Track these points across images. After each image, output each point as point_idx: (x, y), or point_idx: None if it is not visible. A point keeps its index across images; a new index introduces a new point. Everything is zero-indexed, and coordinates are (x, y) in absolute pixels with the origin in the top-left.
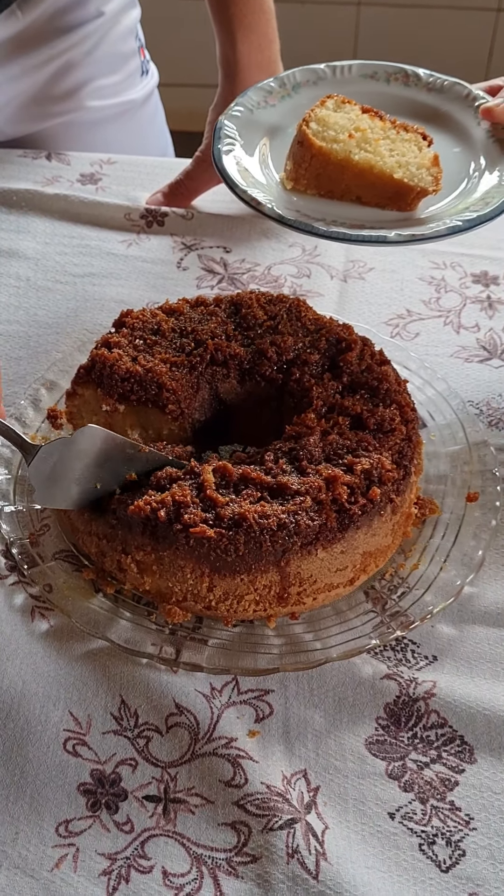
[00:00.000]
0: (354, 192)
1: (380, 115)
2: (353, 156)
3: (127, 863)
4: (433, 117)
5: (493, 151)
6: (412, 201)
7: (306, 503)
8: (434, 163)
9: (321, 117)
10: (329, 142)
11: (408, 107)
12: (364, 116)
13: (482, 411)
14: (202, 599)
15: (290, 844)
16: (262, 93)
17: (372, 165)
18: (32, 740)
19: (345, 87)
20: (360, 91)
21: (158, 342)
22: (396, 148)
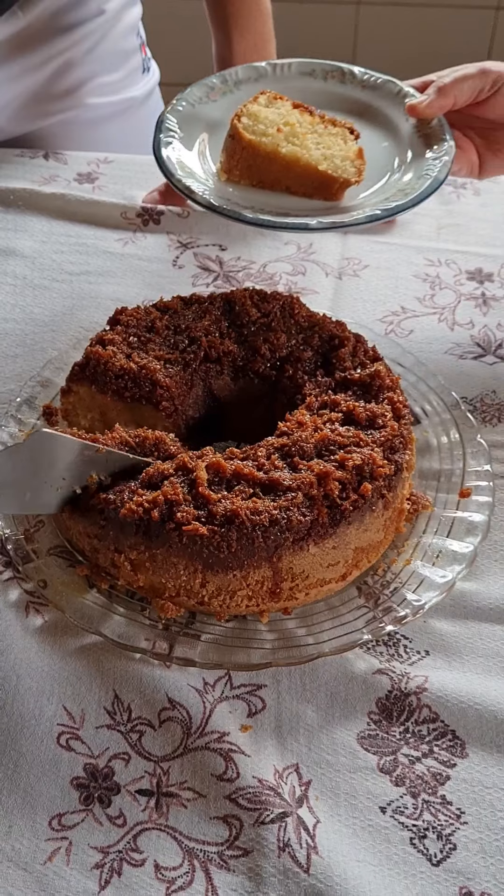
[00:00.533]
0: (284, 182)
1: (310, 111)
2: (280, 148)
3: (119, 856)
4: (366, 113)
5: (418, 146)
6: (337, 191)
7: (298, 499)
8: (358, 155)
9: (252, 112)
10: (258, 135)
11: (342, 103)
12: (294, 112)
13: (476, 407)
14: (195, 595)
15: (282, 838)
16: (204, 88)
17: (298, 157)
18: (26, 734)
19: (284, 83)
20: (298, 87)
21: (152, 339)
22: (323, 141)
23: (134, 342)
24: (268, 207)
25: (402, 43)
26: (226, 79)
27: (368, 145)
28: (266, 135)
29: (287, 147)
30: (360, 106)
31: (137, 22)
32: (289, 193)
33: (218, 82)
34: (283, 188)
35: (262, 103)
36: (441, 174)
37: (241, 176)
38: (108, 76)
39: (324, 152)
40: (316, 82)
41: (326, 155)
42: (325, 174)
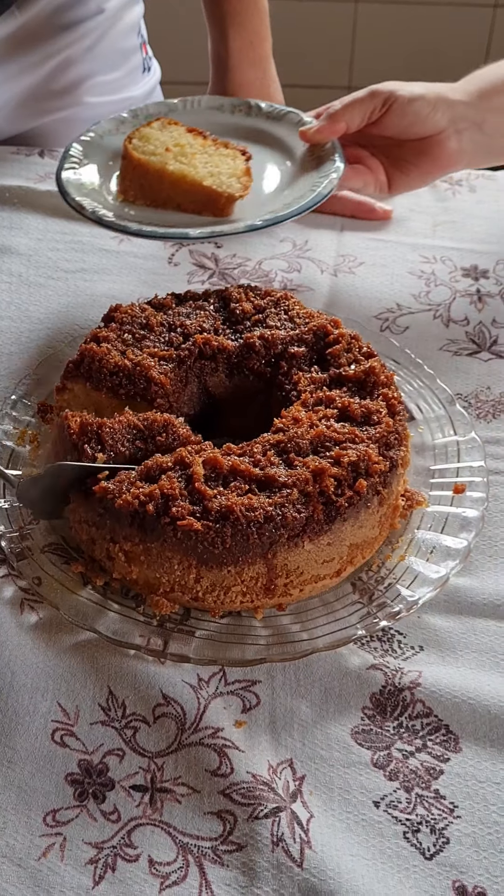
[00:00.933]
0: (174, 200)
1: (203, 135)
2: (168, 166)
3: (113, 851)
4: (268, 141)
5: (308, 167)
6: (223, 207)
7: (293, 495)
8: (245, 172)
9: (144, 134)
10: (148, 154)
11: (247, 132)
12: (188, 135)
13: (470, 404)
14: (189, 590)
15: (276, 833)
16: (114, 122)
17: (184, 174)
18: (20, 731)
19: (193, 117)
20: (207, 121)
21: (147, 336)
22: (212, 161)
23: (128, 339)
24: (158, 223)
25: (400, 41)
26: (137, 113)
27: (267, 170)
28: (155, 154)
29: (174, 165)
30: (263, 135)
31: (139, 21)
32: (180, 211)
33: (129, 116)
34: (174, 206)
35: (156, 127)
36: (325, 190)
37: (136, 196)
38: (107, 75)
39: (210, 170)
40: (223, 115)
41: (213, 172)
42: (210, 189)
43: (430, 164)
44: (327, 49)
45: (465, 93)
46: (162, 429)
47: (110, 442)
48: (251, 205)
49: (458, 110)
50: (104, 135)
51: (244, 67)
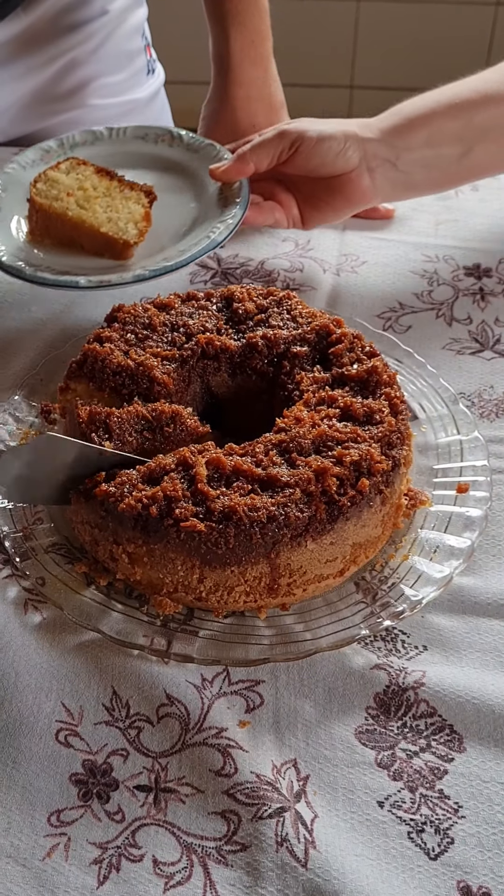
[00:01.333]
0: (77, 242)
1: (111, 175)
2: (68, 212)
3: (118, 852)
4: (185, 174)
5: (215, 208)
6: (122, 251)
7: (296, 495)
8: (144, 217)
9: (51, 177)
10: (51, 199)
11: (166, 164)
12: (94, 176)
13: (474, 403)
14: (193, 591)
15: (280, 833)
16: (39, 151)
17: (84, 220)
18: (25, 731)
19: (119, 146)
20: (130, 151)
21: (150, 336)
22: (113, 205)
23: (131, 339)
24: (60, 266)
25: (402, 39)
26: (62, 142)
27: (176, 205)
28: (58, 199)
29: (75, 210)
30: (181, 167)
31: (143, 23)
32: (84, 252)
33: (55, 146)
34: (78, 248)
35: (64, 169)
36: (219, 237)
37: (42, 236)
38: (111, 77)
39: (110, 215)
40: (147, 145)
41: (112, 217)
42: (107, 235)
43: (342, 201)
44: (329, 48)
45: (378, 130)
46: (170, 420)
47: (118, 431)
48: (151, 246)
49: (370, 148)
50: (27, 166)
51: (245, 66)
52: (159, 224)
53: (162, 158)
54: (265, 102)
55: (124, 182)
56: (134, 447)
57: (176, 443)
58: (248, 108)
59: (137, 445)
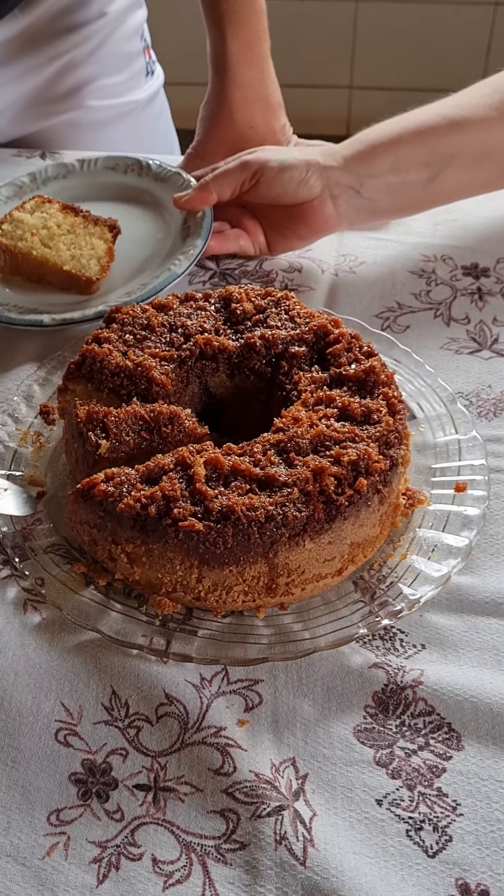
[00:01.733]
0: (45, 279)
1: (76, 211)
2: (32, 251)
3: (117, 850)
4: (153, 203)
5: (179, 239)
6: (86, 286)
7: (294, 495)
8: (107, 253)
9: (17, 218)
10: (16, 240)
11: (136, 193)
12: (59, 214)
13: (471, 402)
14: (191, 590)
15: (279, 831)
16: (13, 188)
17: (48, 259)
18: (24, 731)
19: (91, 178)
20: (101, 182)
21: (148, 337)
22: (77, 242)
23: (130, 340)
24: (27, 304)
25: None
26: (35, 177)
27: (142, 235)
28: (23, 239)
29: (39, 250)
30: (149, 196)
31: (142, 25)
32: (50, 287)
33: (27, 181)
34: (46, 283)
35: (29, 209)
36: (179, 269)
37: (13, 274)
38: (110, 78)
39: (73, 252)
40: (117, 175)
41: (75, 255)
42: (70, 273)
43: (305, 228)
44: (328, 48)
45: (342, 157)
46: (168, 420)
47: (115, 431)
48: (119, 278)
49: (333, 176)
50: (2, 203)
51: (243, 67)
52: (127, 255)
53: (132, 188)
54: (263, 103)
55: (89, 217)
56: (131, 447)
57: (174, 443)
58: (245, 110)
59: (135, 445)
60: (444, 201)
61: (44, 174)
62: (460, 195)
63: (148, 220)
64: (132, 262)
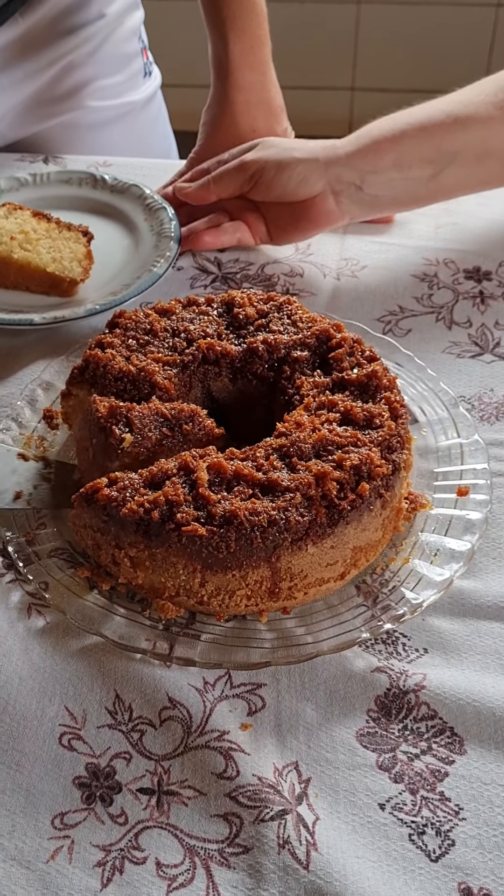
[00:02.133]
0: (23, 283)
1: (48, 218)
2: (13, 254)
3: (121, 854)
4: (113, 214)
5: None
6: (68, 289)
7: (296, 499)
8: (86, 256)
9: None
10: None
11: (93, 205)
12: (32, 220)
13: (474, 406)
14: (194, 595)
15: (282, 835)
16: None
17: (29, 262)
18: (28, 735)
19: (44, 190)
20: (56, 195)
21: (151, 342)
22: (55, 245)
23: (132, 345)
24: (7, 305)
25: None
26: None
27: (110, 244)
28: (1, 243)
29: (19, 253)
30: (109, 208)
31: (139, 26)
32: (29, 292)
33: None
34: (24, 288)
35: (2, 214)
36: (160, 269)
37: None
38: (108, 79)
39: (53, 255)
40: (72, 188)
41: (56, 258)
42: (54, 275)
43: (307, 223)
44: (330, 50)
45: (344, 153)
46: (189, 418)
47: (139, 425)
48: (95, 283)
49: (334, 172)
50: None
51: (245, 71)
52: (100, 260)
53: (88, 200)
54: (265, 107)
55: (61, 223)
56: (153, 443)
57: (193, 442)
58: (248, 113)
59: (156, 441)
60: (445, 197)
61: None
62: (461, 192)
63: (110, 228)
64: (106, 267)
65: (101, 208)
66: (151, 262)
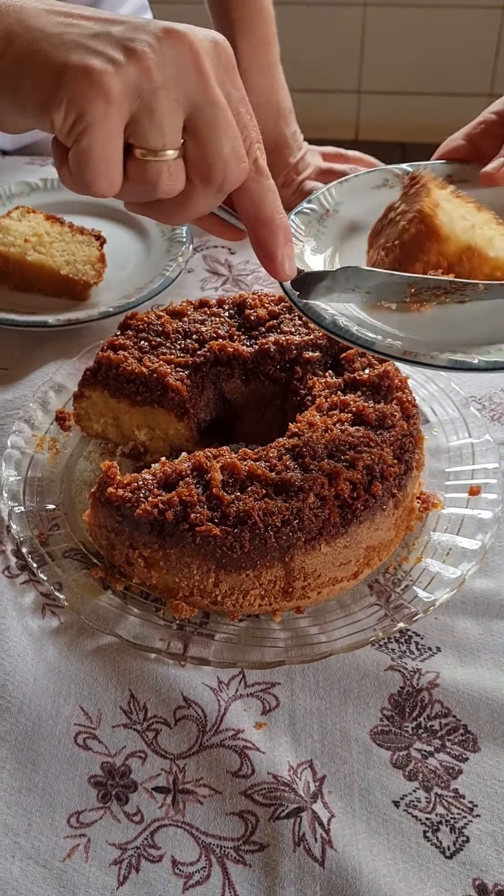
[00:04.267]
0: (36, 286)
1: (61, 221)
2: (27, 256)
3: (137, 852)
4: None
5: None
6: (81, 291)
7: (309, 499)
8: (100, 259)
9: (4, 226)
10: (8, 245)
11: (102, 211)
12: (46, 223)
13: (484, 406)
14: (208, 595)
15: (297, 833)
16: None
17: (43, 264)
18: (44, 735)
19: (55, 195)
20: (67, 199)
21: (163, 343)
22: (68, 248)
23: (145, 346)
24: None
25: (409, 44)
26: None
27: (122, 248)
28: (14, 245)
29: (33, 255)
30: (119, 213)
31: None
32: (42, 294)
33: None
34: (37, 291)
35: (15, 217)
36: (173, 273)
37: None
38: None
39: (67, 258)
40: None
41: (69, 260)
42: (67, 277)
43: None
44: (336, 53)
45: None
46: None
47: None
48: (107, 286)
49: None
50: None
51: (254, 74)
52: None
53: (99, 205)
54: (273, 109)
55: (74, 227)
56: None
57: None
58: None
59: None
60: None
61: (8, 191)
62: None
63: (121, 232)
64: (119, 271)
65: (112, 213)
66: (164, 265)
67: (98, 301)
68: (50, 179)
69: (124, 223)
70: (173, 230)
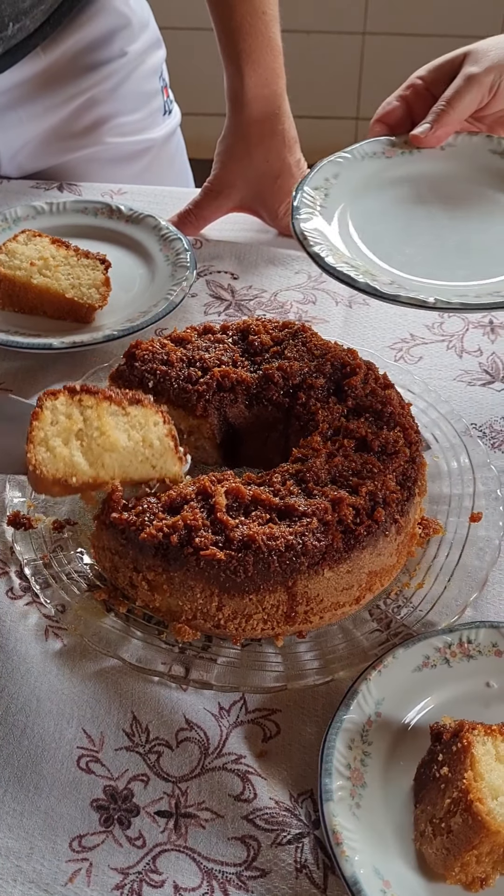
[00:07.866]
0: (40, 308)
1: (66, 245)
2: (33, 280)
3: (139, 877)
4: (129, 244)
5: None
6: (86, 315)
7: (313, 524)
8: (104, 283)
9: (10, 249)
10: (14, 269)
11: (109, 235)
12: (51, 246)
13: (485, 433)
14: (211, 618)
15: (299, 859)
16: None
17: (49, 287)
18: (47, 757)
19: (61, 219)
20: (72, 223)
21: (168, 373)
22: (74, 272)
23: (149, 379)
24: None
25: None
26: (6, 217)
27: (126, 272)
28: (20, 268)
29: (39, 278)
30: (124, 238)
31: (161, 65)
32: (47, 317)
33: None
34: (41, 313)
35: (21, 241)
36: (177, 298)
37: (5, 304)
38: (128, 116)
39: (72, 281)
40: (88, 217)
41: (74, 284)
42: (73, 300)
43: None
44: (335, 81)
45: None
46: None
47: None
48: (111, 310)
49: None
50: None
51: (259, 104)
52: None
53: (104, 229)
54: (279, 139)
55: (80, 251)
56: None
57: None
58: (262, 145)
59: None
60: None
61: (14, 214)
62: None
63: (126, 256)
64: (123, 295)
65: (117, 237)
66: (168, 290)
67: (102, 324)
68: (55, 203)
69: (129, 247)
70: (177, 255)
